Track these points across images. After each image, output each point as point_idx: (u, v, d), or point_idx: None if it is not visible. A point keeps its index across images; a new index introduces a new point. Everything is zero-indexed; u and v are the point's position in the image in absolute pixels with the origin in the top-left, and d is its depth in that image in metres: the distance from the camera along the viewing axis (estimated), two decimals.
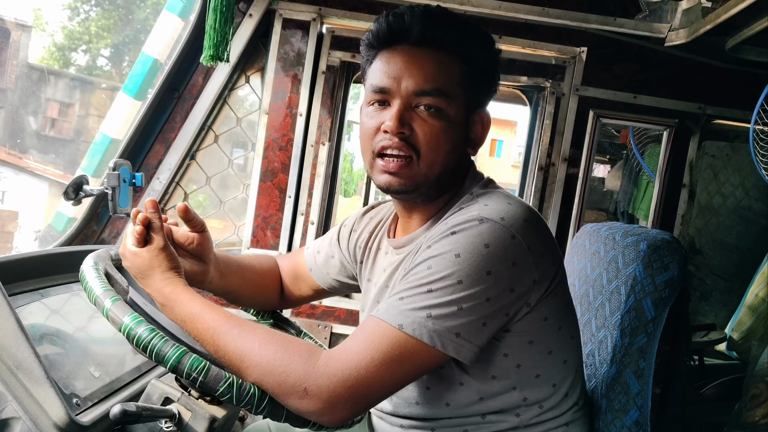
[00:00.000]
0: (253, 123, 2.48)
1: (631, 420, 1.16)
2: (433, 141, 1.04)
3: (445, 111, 1.04)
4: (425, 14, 1.05)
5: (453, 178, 1.10)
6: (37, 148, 10.02)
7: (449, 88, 1.04)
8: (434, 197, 1.11)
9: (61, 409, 1.07)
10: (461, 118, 1.07)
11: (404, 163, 1.04)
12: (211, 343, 0.95)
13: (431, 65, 1.04)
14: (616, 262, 1.28)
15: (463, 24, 1.07)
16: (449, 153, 1.06)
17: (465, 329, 0.92)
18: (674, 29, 2.23)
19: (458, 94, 1.05)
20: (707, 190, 3.16)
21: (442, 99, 1.03)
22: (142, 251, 1.04)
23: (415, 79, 1.03)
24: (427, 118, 1.03)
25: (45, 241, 2.76)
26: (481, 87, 1.10)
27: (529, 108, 2.60)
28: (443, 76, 1.04)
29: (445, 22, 1.05)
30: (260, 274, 1.37)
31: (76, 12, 15.76)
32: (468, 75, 1.06)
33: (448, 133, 1.05)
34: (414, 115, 1.04)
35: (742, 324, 2.71)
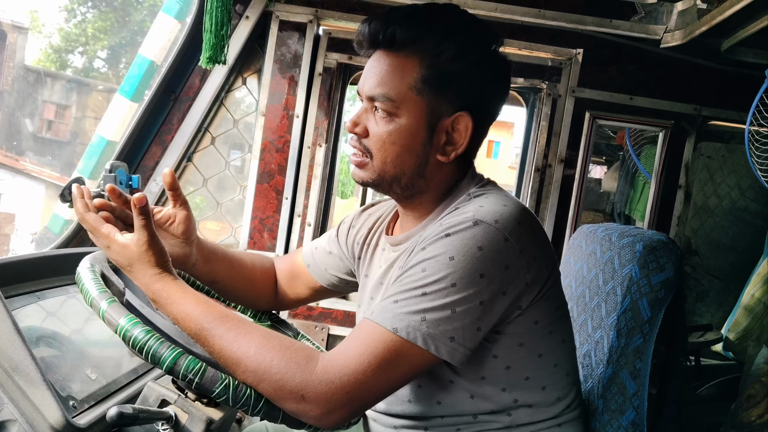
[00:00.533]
0: (250, 125, 2.48)
1: (627, 420, 1.16)
2: (380, 143, 1.05)
3: (394, 115, 1.04)
4: (381, 16, 1.05)
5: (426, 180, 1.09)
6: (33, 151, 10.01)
7: (399, 92, 1.03)
8: (409, 195, 1.11)
9: (58, 412, 1.07)
10: (418, 123, 1.04)
11: (360, 160, 1.08)
12: (205, 345, 0.94)
13: (383, 69, 1.04)
14: (612, 263, 1.28)
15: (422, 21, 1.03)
16: (400, 156, 1.05)
17: (459, 333, 0.92)
18: (670, 31, 2.24)
19: (412, 99, 1.03)
20: (703, 191, 3.17)
21: (390, 103, 1.03)
22: (129, 245, 0.98)
23: (369, 83, 1.05)
24: (378, 120, 1.05)
25: (41, 243, 2.76)
26: (454, 90, 1.04)
27: (525, 109, 2.61)
28: (393, 81, 1.03)
29: (400, 21, 1.03)
30: (251, 268, 1.36)
31: (73, 14, 15.75)
32: (428, 77, 1.02)
33: (398, 136, 1.04)
34: (371, 117, 1.07)
35: (738, 324, 2.72)
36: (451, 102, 1.05)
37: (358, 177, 1.11)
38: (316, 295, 1.44)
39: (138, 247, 0.98)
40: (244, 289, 1.36)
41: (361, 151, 1.08)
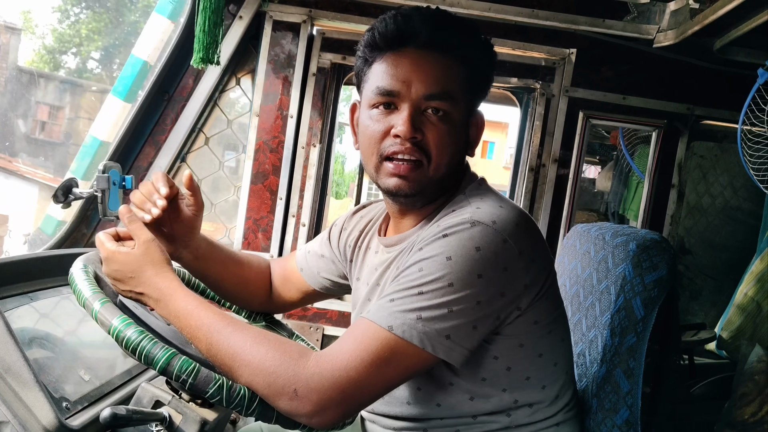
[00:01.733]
0: (244, 125, 2.48)
1: (621, 419, 1.16)
2: (442, 145, 1.04)
3: (451, 114, 1.04)
4: (434, 17, 1.05)
5: (452, 179, 1.11)
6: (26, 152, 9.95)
7: (455, 92, 1.05)
8: (433, 199, 1.11)
9: (51, 413, 1.06)
10: (464, 121, 1.08)
11: (414, 166, 1.04)
12: (203, 340, 0.94)
13: (439, 69, 1.04)
14: (606, 262, 1.29)
15: (465, 28, 1.08)
16: (453, 155, 1.07)
17: (455, 332, 0.92)
18: (662, 30, 2.25)
19: (461, 98, 1.06)
20: (696, 191, 3.19)
21: (449, 102, 1.04)
22: (131, 250, 1.01)
23: (424, 83, 1.03)
24: (436, 122, 1.04)
25: (34, 244, 2.74)
26: (479, 90, 1.11)
27: (519, 109, 2.61)
28: (449, 80, 1.04)
29: (450, 26, 1.06)
30: (246, 268, 1.36)
31: (66, 14, 15.68)
32: (469, 78, 1.07)
33: (454, 136, 1.06)
34: (424, 119, 1.04)
35: (732, 323, 2.73)
36: (475, 102, 1.11)
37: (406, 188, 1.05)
38: (309, 299, 1.45)
39: (139, 250, 1.01)
40: (236, 288, 1.36)
41: (416, 157, 1.03)
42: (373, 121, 1.06)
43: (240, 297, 1.39)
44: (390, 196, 1.10)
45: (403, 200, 1.10)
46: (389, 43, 1.05)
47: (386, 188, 1.07)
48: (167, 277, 1.01)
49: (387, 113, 1.05)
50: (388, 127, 1.04)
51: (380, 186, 1.08)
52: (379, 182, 1.08)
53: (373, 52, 1.07)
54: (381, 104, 1.05)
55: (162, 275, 1.01)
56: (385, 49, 1.06)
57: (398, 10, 1.07)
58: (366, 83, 1.09)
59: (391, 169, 1.04)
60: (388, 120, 1.04)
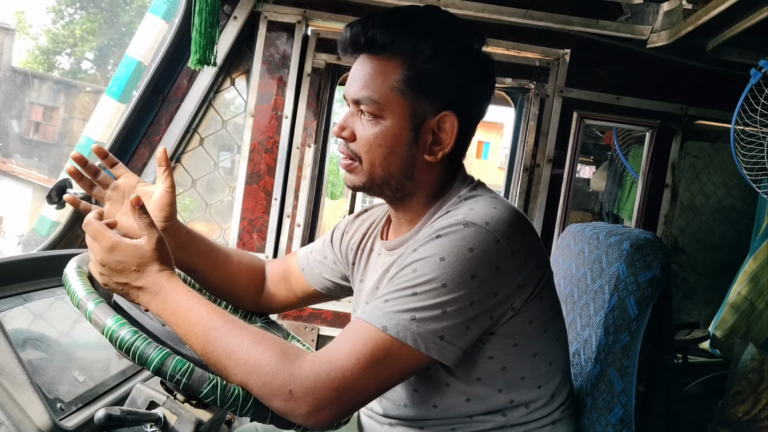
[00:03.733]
0: (239, 125, 2.48)
1: (615, 417, 1.16)
2: (366, 146, 1.06)
3: (381, 117, 1.05)
4: (369, 19, 1.06)
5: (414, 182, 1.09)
6: (20, 152, 9.91)
7: (382, 94, 1.04)
8: (400, 198, 1.11)
9: (45, 414, 1.06)
10: (402, 125, 1.05)
11: (350, 163, 1.09)
12: (201, 336, 0.94)
13: (365, 72, 1.05)
14: (600, 262, 1.29)
15: (400, 22, 1.04)
16: (387, 158, 1.06)
17: (448, 332, 0.93)
18: (656, 31, 2.26)
19: (395, 100, 1.03)
20: (690, 190, 3.20)
21: (374, 106, 1.04)
22: (143, 243, 0.99)
23: (353, 87, 1.06)
24: (364, 124, 1.06)
25: (28, 245, 2.74)
26: (436, 89, 1.05)
27: (513, 109, 2.62)
28: (375, 83, 1.04)
29: (379, 24, 1.04)
30: (236, 264, 1.36)
31: (61, 15, 15.62)
32: (410, 78, 1.03)
33: (384, 139, 1.05)
34: (358, 120, 1.07)
35: (725, 322, 2.74)
36: (434, 102, 1.05)
37: (349, 182, 1.12)
38: (307, 300, 1.44)
39: (150, 245, 0.99)
40: (225, 284, 1.35)
41: (349, 156, 1.08)
42: None
43: (230, 293, 1.38)
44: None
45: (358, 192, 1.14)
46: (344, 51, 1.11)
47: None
48: (171, 274, 1.00)
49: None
50: None
51: None
52: None
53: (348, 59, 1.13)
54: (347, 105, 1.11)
55: (166, 272, 1.00)
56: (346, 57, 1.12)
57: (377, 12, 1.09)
58: None
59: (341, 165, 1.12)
60: None
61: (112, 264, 0.99)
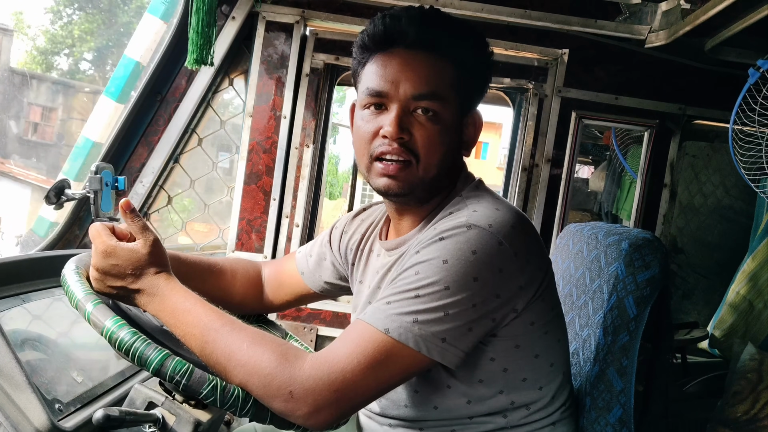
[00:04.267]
0: (237, 126, 2.48)
1: (614, 417, 1.16)
2: (431, 145, 1.04)
3: (441, 114, 1.04)
4: (422, 17, 1.05)
5: (447, 179, 1.11)
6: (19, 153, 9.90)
7: (444, 92, 1.04)
8: (427, 199, 1.11)
9: (43, 415, 1.06)
10: (456, 121, 1.07)
11: (403, 166, 1.04)
12: (199, 338, 0.94)
13: (427, 68, 1.03)
14: (599, 262, 1.29)
15: (457, 27, 1.07)
16: (445, 155, 1.06)
17: (450, 334, 0.93)
18: (654, 31, 2.26)
19: (452, 97, 1.05)
20: (688, 190, 3.20)
21: (438, 102, 1.03)
22: (138, 247, 0.99)
23: (412, 83, 1.03)
24: (424, 122, 1.03)
25: (27, 245, 2.73)
26: (473, 89, 1.10)
27: (512, 109, 2.62)
28: (438, 80, 1.03)
29: (440, 25, 1.05)
30: (230, 278, 1.34)
31: (59, 15, 15.61)
32: (460, 78, 1.06)
33: (444, 136, 1.05)
34: (412, 120, 1.04)
35: (724, 322, 2.74)
36: (469, 100, 1.10)
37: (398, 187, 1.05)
38: (306, 300, 1.44)
39: (145, 248, 0.99)
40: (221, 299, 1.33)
41: (404, 157, 1.03)
42: (364, 121, 1.06)
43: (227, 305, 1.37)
44: (381, 195, 1.10)
45: (395, 199, 1.10)
46: (378, 44, 1.06)
47: (377, 188, 1.08)
48: (168, 276, 1.00)
49: (377, 114, 1.05)
50: (378, 127, 1.04)
51: (372, 185, 1.09)
52: (371, 182, 1.08)
53: (364, 53, 1.08)
54: (372, 105, 1.06)
55: (164, 274, 1.00)
56: (375, 50, 1.06)
57: (388, 11, 1.07)
58: (359, 84, 1.10)
59: (381, 170, 1.05)
60: (378, 120, 1.05)
61: (106, 268, 0.98)
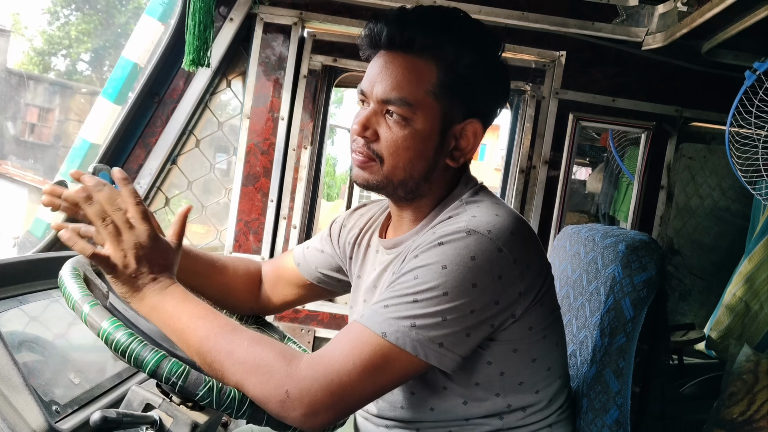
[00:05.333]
0: (235, 127, 2.48)
1: (611, 419, 1.17)
2: (393, 148, 1.03)
3: (410, 120, 1.02)
4: (400, 17, 1.03)
5: (430, 184, 1.09)
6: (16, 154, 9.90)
7: (416, 97, 1.02)
8: (410, 199, 1.10)
9: (40, 417, 1.06)
10: (432, 128, 1.04)
11: (367, 160, 1.05)
12: (200, 337, 0.94)
13: (400, 72, 1.02)
14: (596, 263, 1.29)
15: (445, 26, 1.03)
16: (413, 161, 1.04)
17: (448, 340, 0.93)
18: (651, 33, 2.26)
19: (428, 104, 1.02)
20: (685, 192, 3.21)
21: (406, 108, 1.01)
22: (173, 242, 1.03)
23: (382, 86, 1.03)
24: (392, 125, 1.03)
25: (24, 247, 2.73)
26: (467, 96, 1.05)
27: (509, 111, 2.62)
28: (411, 85, 1.01)
29: (421, 25, 1.02)
30: (232, 275, 1.35)
31: (56, 16, 15.61)
32: (445, 83, 1.02)
33: (414, 141, 1.03)
34: (382, 120, 1.04)
35: (720, 323, 2.74)
36: (463, 108, 1.06)
37: (361, 179, 1.08)
38: (304, 296, 1.42)
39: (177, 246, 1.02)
40: (221, 297, 1.34)
41: (368, 156, 1.05)
42: (353, 116, 1.09)
43: (227, 303, 1.37)
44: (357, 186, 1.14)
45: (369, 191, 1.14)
46: (368, 45, 1.08)
47: (352, 178, 1.12)
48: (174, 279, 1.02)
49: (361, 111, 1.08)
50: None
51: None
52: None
53: (365, 53, 1.11)
54: (361, 102, 1.08)
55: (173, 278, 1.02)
56: (369, 51, 1.09)
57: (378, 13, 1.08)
58: None
59: (353, 161, 1.08)
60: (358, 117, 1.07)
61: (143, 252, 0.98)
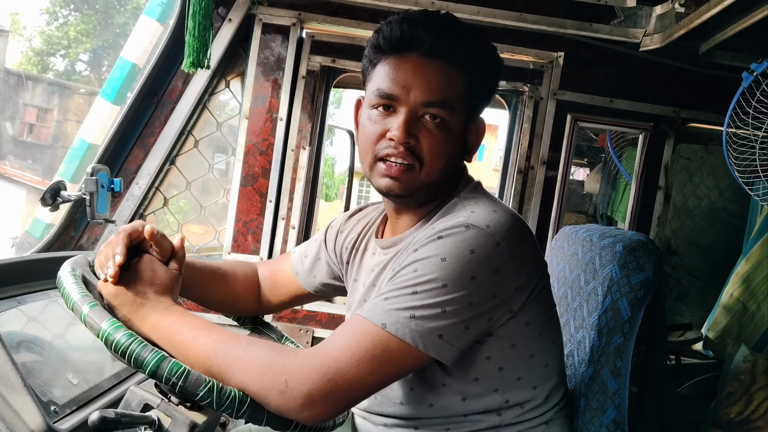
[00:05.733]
0: (234, 128, 2.48)
1: (609, 419, 1.17)
2: (435, 151, 1.06)
3: (448, 122, 1.06)
4: (439, 25, 1.06)
5: (447, 184, 1.13)
6: (14, 154, 9.90)
7: (453, 100, 1.06)
8: (427, 202, 1.13)
9: (39, 417, 1.06)
10: (461, 128, 1.09)
11: (405, 169, 1.05)
12: (200, 344, 0.95)
13: (439, 77, 1.05)
14: (594, 264, 1.30)
15: (472, 37, 1.09)
16: (448, 162, 1.08)
17: (447, 331, 0.94)
18: (649, 34, 2.27)
19: (460, 106, 1.07)
20: (682, 192, 3.21)
21: (447, 111, 1.05)
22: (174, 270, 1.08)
23: (422, 90, 1.04)
24: (432, 129, 1.05)
25: (22, 247, 2.73)
26: (481, 98, 1.12)
27: (508, 112, 2.63)
28: (449, 88, 1.05)
29: (456, 35, 1.07)
30: (233, 281, 1.36)
31: (55, 17, 15.60)
32: (471, 87, 1.08)
33: (449, 143, 1.07)
34: (420, 125, 1.05)
35: (718, 323, 2.75)
36: (475, 108, 1.12)
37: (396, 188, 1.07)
38: (301, 300, 1.45)
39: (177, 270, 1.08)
40: (224, 304, 1.36)
41: (408, 161, 1.05)
42: (371, 122, 1.08)
43: (230, 310, 1.39)
44: (382, 195, 1.12)
45: (395, 200, 1.12)
46: (393, 48, 1.07)
47: (378, 188, 1.10)
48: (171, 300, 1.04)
49: (385, 115, 1.07)
50: (385, 129, 1.06)
51: (373, 184, 1.11)
52: (372, 181, 1.10)
53: (377, 54, 1.10)
54: (380, 106, 1.07)
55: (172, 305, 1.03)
56: (389, 53, 1.07)
57: (405, 14, 1.08)
58: (369, 83, 1.11)
59: (384, 170, 1.06)
60: (386, 122, 1.06)
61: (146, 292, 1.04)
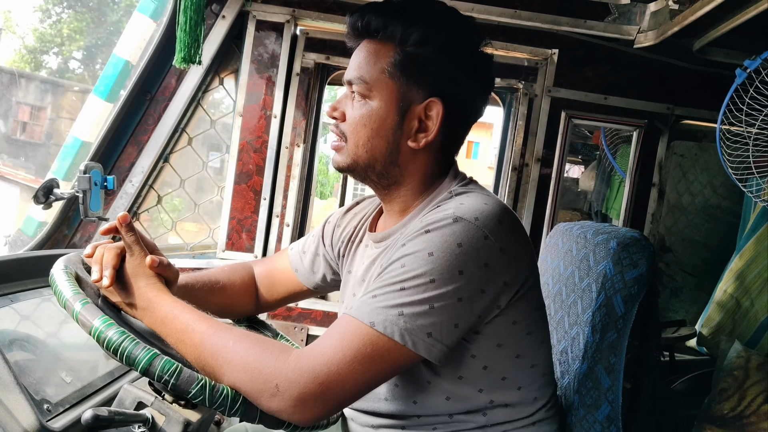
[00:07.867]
0: (228, 125, 2.47)
1: (602, 415, 1.17)
2: (353, 126, 1.09)
3: (368, 97, 1.07)
4: (367, 8, 1.09)
5: (400, 169, 1.10)
6: (7, 153, 9.86)
7: (372, 75, 1.07)
8: (386, 185, 1.13)
9: (32, 415, 1.05)
10: (389, 107, 1.07)
11: (338, 144, 1.12)
12: (188, 342, 0.95)
13: (362, 55, 1.09)
14: (588, 260, 1.30)
15: (393, 8, 1.08)
16: (372, 140, 1.08)
17: (437, 329, 0.93)
18: (643, 31, 2.27)
19: (383, 82, 1.07)
20: (676, 189, 3.22)
21: (364, 85, 1.07)
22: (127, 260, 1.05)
23: (349, 69, 1.10)
24: (354, 104, 1.09)
25: (15, 245, 2.71)
26: (424, 76, 1.06)
27: (502, 109, 2.63)
28: (368, 65, 1.07)
29: (382, 12, 1.08)
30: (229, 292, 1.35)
31: (48, 14, 15.52)
32: (399, 63, 1.06)
33: (369, 119, 1.07)
34: (349, 102, 1.10)
35: (711, 320, 2.76)
36: (422, 88, 1.07)
37: (335, 162, 1.14)
38: (299, 297, 1.44)
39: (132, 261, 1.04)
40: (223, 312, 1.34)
41: (338, 135, 1.11)
42: None
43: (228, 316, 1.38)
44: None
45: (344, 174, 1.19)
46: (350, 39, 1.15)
47: None
48: (156, 286, 1.03)
49: None
50: None
51: None
52: None
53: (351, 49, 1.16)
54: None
55: (151, 285, 1.03)
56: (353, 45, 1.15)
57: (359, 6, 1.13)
58: None
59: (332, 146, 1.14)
60: None
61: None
